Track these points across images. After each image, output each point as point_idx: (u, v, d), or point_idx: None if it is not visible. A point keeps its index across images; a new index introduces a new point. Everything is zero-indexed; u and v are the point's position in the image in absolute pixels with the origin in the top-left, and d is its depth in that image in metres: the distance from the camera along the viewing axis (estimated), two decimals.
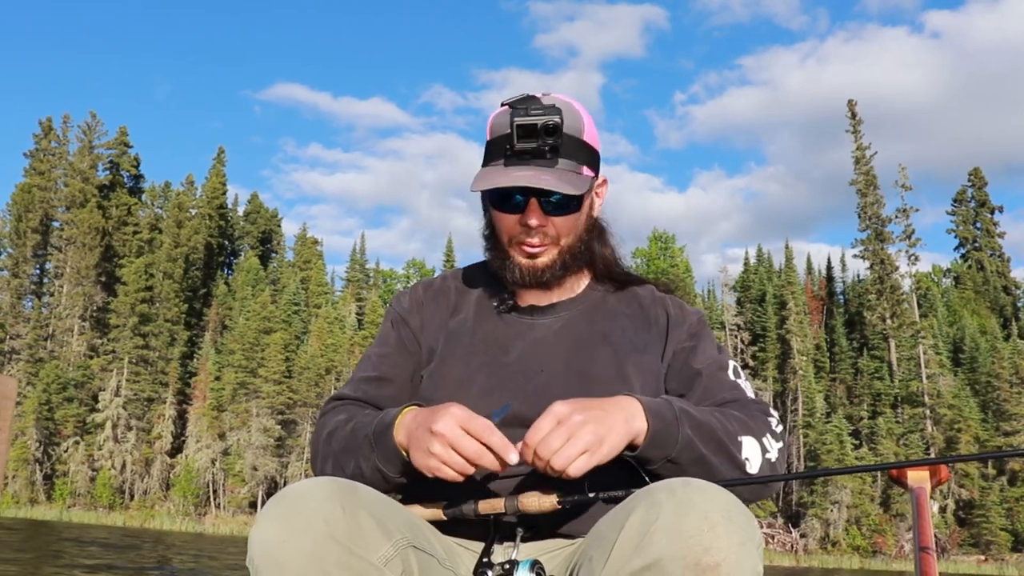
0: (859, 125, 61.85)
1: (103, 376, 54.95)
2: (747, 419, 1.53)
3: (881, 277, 58.86)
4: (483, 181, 1.55)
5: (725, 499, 1.15)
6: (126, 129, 65.17)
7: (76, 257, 58.37)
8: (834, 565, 45.72)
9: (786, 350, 58.79)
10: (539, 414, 1.41)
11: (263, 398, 51.11)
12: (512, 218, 1.59)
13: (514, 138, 1.51)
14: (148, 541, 30.36)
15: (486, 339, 1.65)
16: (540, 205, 1.56)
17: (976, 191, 76.22)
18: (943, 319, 63.17)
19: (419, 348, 1.69)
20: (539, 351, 1.62)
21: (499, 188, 1.55)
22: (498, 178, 1.53)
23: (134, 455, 52.87)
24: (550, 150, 1.53)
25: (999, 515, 48.04)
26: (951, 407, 52.48)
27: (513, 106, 1.54)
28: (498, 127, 1.56)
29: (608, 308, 1.70)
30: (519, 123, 1.50)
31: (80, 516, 48.37)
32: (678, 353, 1.66)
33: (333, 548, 1.15)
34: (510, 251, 1.62)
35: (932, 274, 77.27)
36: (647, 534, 1.12)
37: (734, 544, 1.11)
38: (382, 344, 1.72)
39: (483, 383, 1.58)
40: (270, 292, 58.98)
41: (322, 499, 1.18)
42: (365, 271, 73.75)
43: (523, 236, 1.59)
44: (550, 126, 1.50)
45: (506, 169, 1.54)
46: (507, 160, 1.55)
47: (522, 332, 1.65)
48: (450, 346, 1.66)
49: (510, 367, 1.60)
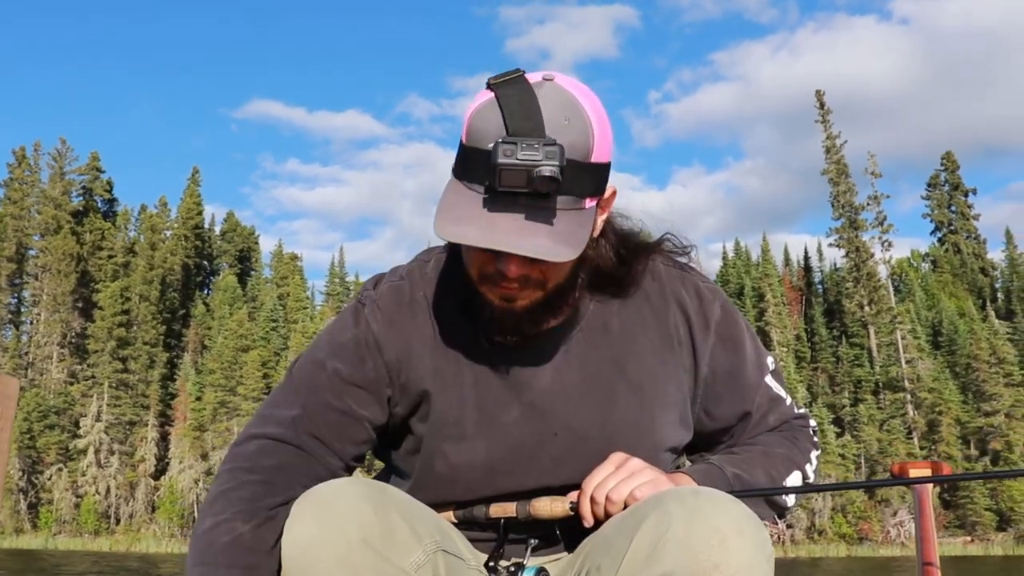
0: (828, 115, 62.18)
1: (84, 402, 54.85)
2: (793, 452, 1.45)
3: (857, 265, 59.19)
4: (453, 224, 1.18)
5: (736, 511, 1.11)
6: (98, 154, 65.23)
7: (52, 284, 58.30)
8: (821, 554, 45.89)
9: (766, 342, 58.97)
10: (562, 484, 1.36)
11: (243, 415, 51.04)
12: (485, 256, 1.24)
13: (497, 180, 1.14)
14: (133, 565, 30.31)
15: (478, 388, 1.36)
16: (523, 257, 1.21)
17: (949, 175, 76.72)
18: (921, 303, 63.52)
19: (391, 393, 1.37)
20: (546, 405, 1.36)
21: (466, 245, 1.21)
22: (472, 226, 1.16)
23: (118, 479, 52.74)
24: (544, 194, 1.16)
25: (983, 496, 48.28)
26: (931, 391, 52.77)
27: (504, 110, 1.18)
28: (478, 132, 1.20)
29: (616, 324, 1.40)
30: (503, 167, 1.13)
31: (66, 543, 48.27)
32: (718, 372, 1.43)
33: (366, 553, 1.11)
34: (481, 287, 1.29)
35: (911, 259, 77.63)
36: (657, 546, 1.10)
37: (745, 559, 1.09)
38: (350, 361, 1.36)
39: (485, 459, 1.35)
40: (248, 310, 58.93)
41: (354, 501, 1.13)
42: (345, 284, 73.69)
43: (498, 278, 1.25)
44: (546, 176, 1.13)
45: (483, 212, 1.17)
46: (488, 197, 1.17)
47: (524, 378, 1.36)
48: (437, 404, 1.36)
49: (515, 429, 1.35)
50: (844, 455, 50.44)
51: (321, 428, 1.33)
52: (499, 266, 1.23)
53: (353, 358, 1.36)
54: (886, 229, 58.66)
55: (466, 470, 1.36)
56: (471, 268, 1.28)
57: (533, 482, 1.36)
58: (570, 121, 1.18)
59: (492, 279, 1.26)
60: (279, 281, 66.80)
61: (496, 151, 1.13)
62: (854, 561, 43.62)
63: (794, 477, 1.43)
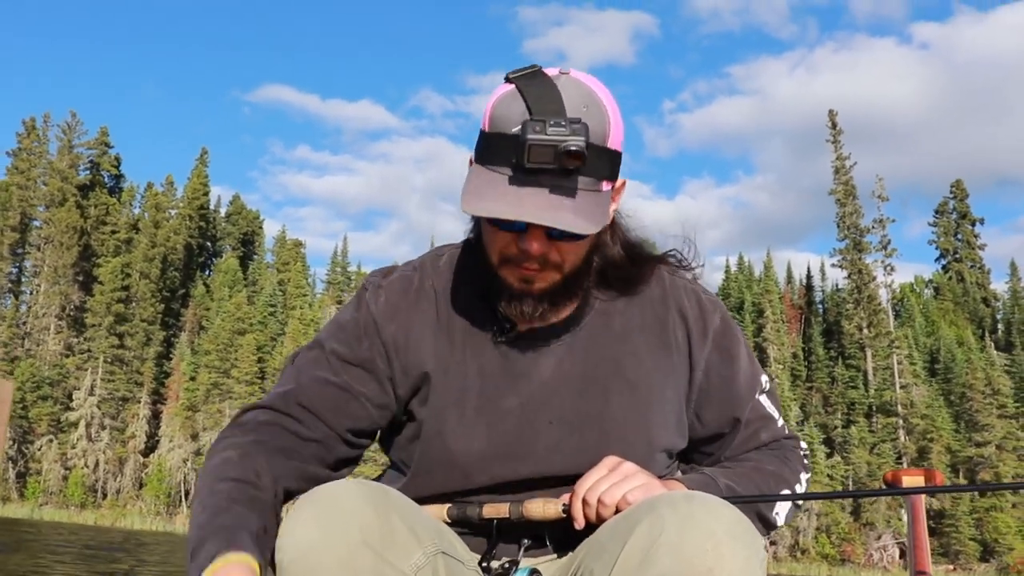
0: (839, 135, 62.15)
1: (78, 375, 54.98)
2: (784, 471, 1.48)
3: (859, 287, 59.12)
4: (480, 200, 1.25)
5: (729, 516, 1.11)
6: (107, 129, 65.31)
7: (53, 256, 58.45)
8: (802, 572, 45.87)
9: (763, 359, 58.98)
10: (555, 474, 1.39)
11: (236, 399, 51.19)
12: (508, 236, 1.31)
13: (525, 156, 1.20)
14: (116, 539, 30.37)
15: (481, 374, 1.41)
16: (545, 231, 1.28)
17: (958, 203, 76.60)
18: (920, 329, 63.44)
19: (388, 371, 1.41)
20: (545, 396, 1.40)
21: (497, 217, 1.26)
22: (500, 202, 1.23)
23: (107, 454, 52.90)
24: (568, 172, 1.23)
25: (968, 525, 48.22)
26: (924, 417, 52.71)
27: (527, 99, 1.24)
28: (502, 119, 1.26)
29: (618, 323, 1.45)
30: (533, 142, 1.20)
31: (52, 514, 48.32)
32: (712, 377, 1.47)
33: (367, 555, 1.11)
34: (501, 270, 1.35)
35: (914, 284, 77.52)
36: (650, 551, 1.10)
37: (738, 563, 1.08)
38: (347, 343, 1.42)
39: (483, 445, 1.38)
40: (247, 293, 59.05)
41: (355, 503, 1.13)
42: (347, 274, 73.80)
43: (520, 258, 1.31)
44: (572, 151, 1.19)
45: (511, 188, 1.23)
46: (513, 175, 1.24)
47: (525, 368, 1.41)
48: (437, 386, 1.41)
49: (512, 416, 1.39)
50: (832, 476, 50.37)
51: (314, 400, 1.37)
52: (522, 245, 1.28)
53: (350, 338, 1.41)
54: (889, 253, 58.61)
55: (463, 455, 1.38)
56: (492, 251, 1.34)
57: (528, 470, 1.38)
58: (588, 108, 1.25)
59: (513, 261, 1.32)
60: (280, 266, 66.92)
61: (525, 128, 1.20)
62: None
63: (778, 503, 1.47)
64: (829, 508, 49.33)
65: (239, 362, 51.94)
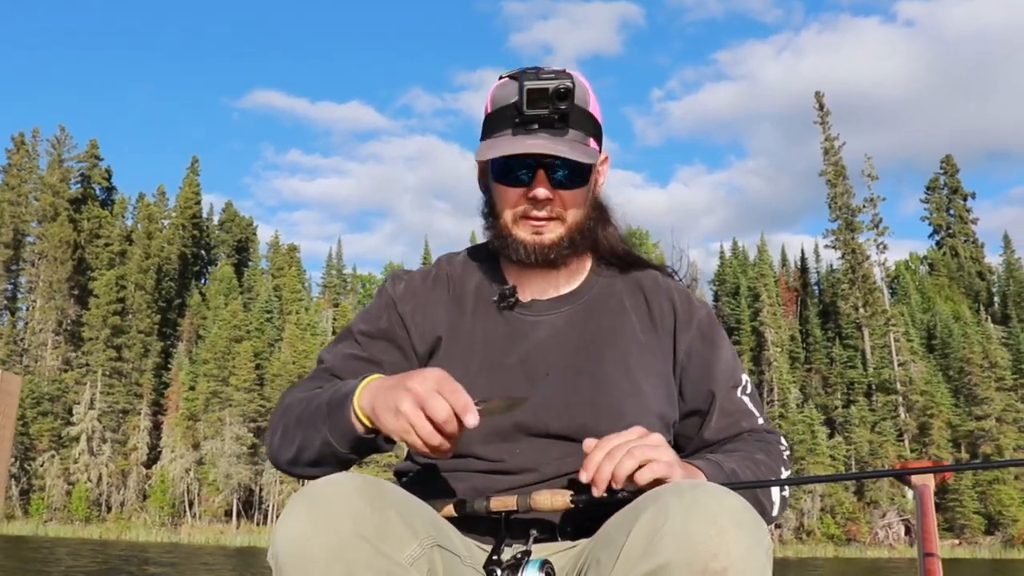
0: (827, 116, 62.21)
1: (77, 389, 54.94)
2: (771, 462, 1.53)
3: (853, 267, 59.19)
4: (490, 150, 1.48)
5: (734, 503, 1.13)
6: (96, 142, 65.23)
7: (48, 271, 58.40)
8: (808, 554, 45.94)
9: (760, 342, 59.05)
10: (546, 422, 1.45)
11: (235, 406, 51.22)
12: (517, 191, 1.50)
13: (523, 104, 1.44)
14: (119, 553, 30.41)
15: (486, 338, 1.55)
16: (547, 177, 1.48)
17: (948, 178, 76.62)
18: (917, 306, 63.52)
19: (407, 338, 1.58)
20: (543, 352, 1.53)
21: (508, 156, 1.47)
22: (506, 146, 1.45)
23: (109, 467, 52.88)
24: (560, 118, 1.46)
25: (972, 499, 48.37)
26: (923, 393, 52.81)
27: (519, 76, 1.46)
28: (501, 98, 1.49)
29: (613, 301, 1.60)
30: (529, 87, 1.43)
31: (57, 530, 48.33)
32: (693, 357, 1.59)
33: (361, 546, 1.12)
34: (513, 228, 1.52)
35: (909, 262, 77.61)
36: (655, 538, 1.10)
37: (742, 549, 1.09)
38: (370, 322, 1.60)
39: (484, 389, 1.45)
40: (243, 300, 59.03)
41: (350, 495, 1.14)
42: (342, 276, 73.80)
43: (529, 210, 1.50)
44: (562, 90, 1.43)
45: (514, 138, 1.46)
46: (515, 128, 1.47)
47: (524, 331, 1.55)
48: (448, 346, 1.56)
49: (512, 370, 1.52)
50: (835, 456, 50.50)
51: (343, 372, 1.53)
52: (530, 194, 1.48)
53: (372, 318, 1.60)
54: (881, 232, 58.74)
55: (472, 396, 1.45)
56: (504, 209, 1.53)
57: (525, 418, 1.45)
58: (572, 81, 1.45)
59: (523, 213, 1.51)
60: (275, 272, 66.88)
61: (522, 77, 1.45)
62: (842, 562, 43.69)
63: (773, 491, 1.50)
64: (833, 489, 49.42)
65: (237, 369, 51.93)
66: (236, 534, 49.43)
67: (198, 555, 32.18)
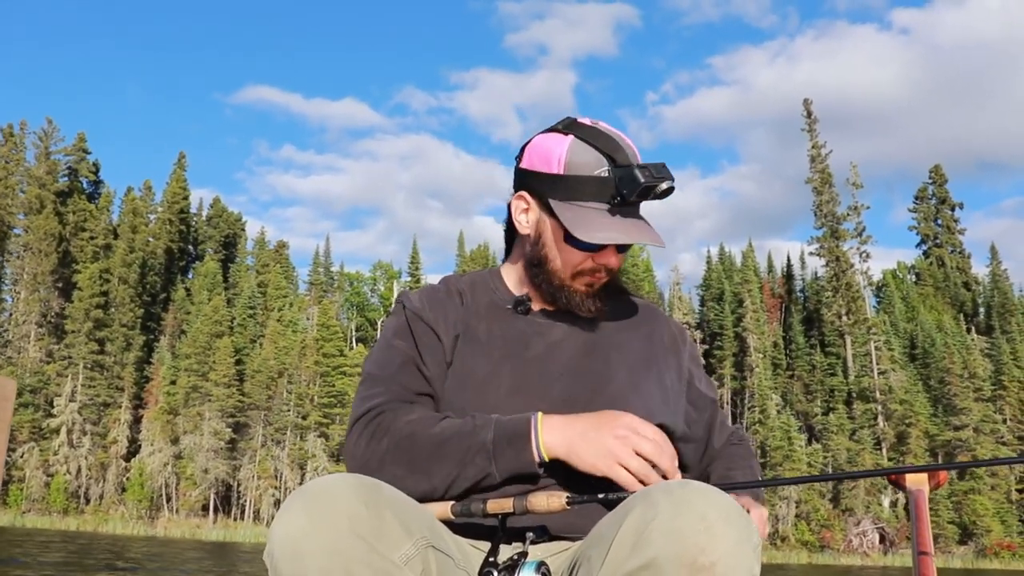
0: (814, 124, 62.34)
1: (59, 381, 55.02)
2: (754, 465, 1.74)
3: (837, 275, 59.32)
4: (591, 227, 1.54)
5: (723, 500, 1.15)
6: (84, 135, 65.31)
7: (33, 263, 58.48)
8: (782, 560, 46.08)
9: (743, 347, 59.22)
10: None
11: (214, 401, 51.35)
12: (583, 255, 1.58)
13: (632, 194, 1.51)
14: (83, 544, 30.49)
15: (504, 336, 1.63)
16: (616, 247, 1.58)
17: (937, 188, 76.81)
18: (901, 315, 63.71)
19: (439, 343, 1.62)
20: (557, 352, 1.61)
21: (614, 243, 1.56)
22: (611, 228, 1.53)
23: (89, 460, 52.97)
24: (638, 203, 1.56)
25: (947, 509, 48.52)
26: (902, 402, 52.95)
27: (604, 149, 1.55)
28: (583, 165, 1.55)
29: (611, 317, 1.70)
30: (646, 185, 1.50)
31: (34, 521, 48.44)
32: (691, 376, 1.74)
33: (356, 544, 1.14)
34: (572, 281, 1.60)
35: (897, 270, 77.78)
36: (644, 534, 1.12)
37: (730, 544, 1.11)
38: (403, 335, 1.64)
39: (509, 382, 1.57)
40: (227, 296, 59.15)
41: (346, 495, 1.16)
42: (330, 274, 73.90)
43: (595, 271, 1.59)
44: (668, 191, 1.53)
45: (615, 219, 1.54)
46: (612, 208, 1.54)
47: (540, 330, 1.64)
48: (468, 341, 1.63)
49: (531, 365, 1.59)
50: (812, 463, 50.64)
51: (412, 385, 1.58)
52: (600, 261, 1.58)
53: (406, 332, 1.63)
54: (864, 240, 58.89)
55: (493, 387, 1.56)
56: (566, 266, 1.60)
57: (545, 407, 1.51)
58: (666, 169, 1.55)
59: (585, 273, 1.60)
60: (260, 268, 66.98)
61: (628, 170, 1.52)
62: (815, 569, 43.83)
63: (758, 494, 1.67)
64: (808, 496, 49.57)
65: (217, 365, 52.06)
66: (212, 528, 49.57)
67: (174, 549, 32.25)
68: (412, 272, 70.55)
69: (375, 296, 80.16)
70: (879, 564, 46.11)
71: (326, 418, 53.01)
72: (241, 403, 52.41)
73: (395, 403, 1.54)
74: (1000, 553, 47.19)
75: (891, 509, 49.71)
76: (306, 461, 51.85)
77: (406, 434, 1.47)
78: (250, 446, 52.18)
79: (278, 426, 52.74)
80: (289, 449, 52.34)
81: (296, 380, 53.67)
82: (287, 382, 53.25)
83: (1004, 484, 50.10)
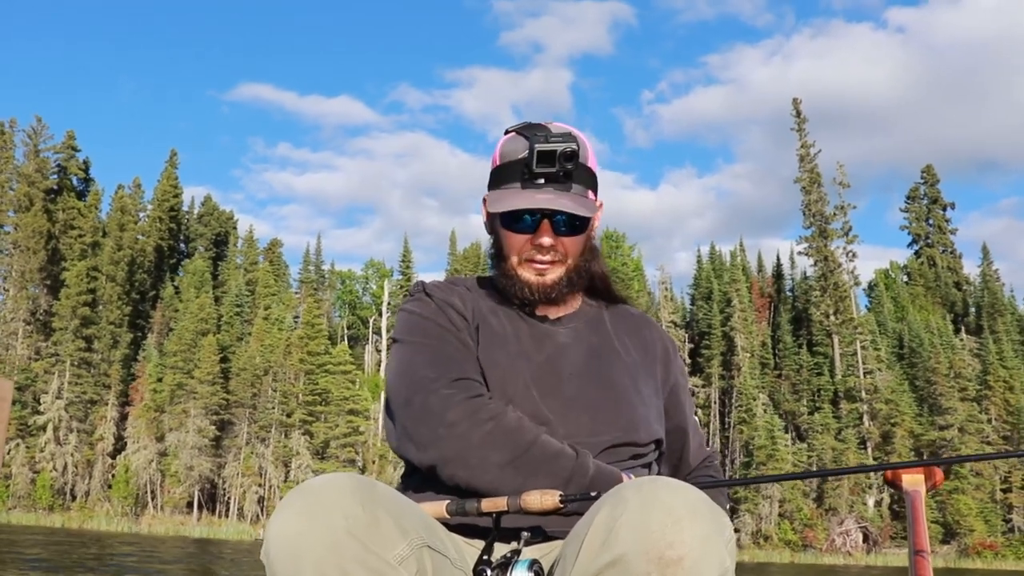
0: (804, 123, 62.34)
1: (46, 378, 55.15)
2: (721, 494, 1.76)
3: (825, 274, 59.33)
4: (502, 203, 1.62)
5: (692, 495, 1.15)
6: (73, 133, 65.47)
7: (21, 261, 58.62)
8: (765, 559, 46.12)
9: (731, 347, 59.24)
10: (575, 418, 1.59)
11: (199, 399, 51.46)
12: (523, 237, 1.65)
13: (533, 162, 1.59)
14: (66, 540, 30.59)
15: (517, 334, 1.69)
16: (551, 226, 1.63)
17: (928, 188, 76.81)
18: (890, 315, 63.70)
19: (468, 324, 1.69)
20: (565, 355, 1.68)
21: (518, 209, 1.62)
22: (517, 199, 1.60)
23: (75, 457, 53.10)
24: (565, 175, 1.60)
25: (931, 508, 48.46)
26: (888, 402, 52.94)
27: (527, 134, 1.62)
28: (509, 152, 1.64)
29: (607, 325, 1.78)
30: (540, 149, 1.58)
31: (19, 518, 48.59)
32: (673, 389, 1.80)
33: (351, 543, 1.14)
34: (519, 269, 1.67)
35: (889, 270, 77.76)
36: (612, 530, 1.13)
37: (698, 538, 1.10)
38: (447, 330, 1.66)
39: (525, 377, 1.63)
40: (215, 294, 59.24)
41: (342, 495, 1.17)
42: (320, 272, 74.03)
43: (534, 254, 1.65)
44: (568, 153, 1.59)
45: (523, 191, 1.61)
46: (523, 183, 1.61)
47: (548, 333, 1.70)
48: (486, 335, 1.68)
49: (544, 364, 1.65)
50: (796, 462, 50.68)
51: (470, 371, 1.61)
52: (535, 240, 1.64)
53: (432, 321, 1.66)
54: (851, 240, 58.90)
55: (512, 380, 1.61)
56: (511, 255, 1.67)
57: (558, 405, 1.60)
58: (576, 143, 1.62)
59: (528, 257, 1.66)
60: (248, 266, 67.07)
61: (533, 140, 1.60)
62: (797, 568, 43.87)
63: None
64: (791, 495, 49.59)
65: (201, 362, 52.17)
66: (196, 525, 49.72)
67: (158, 546, 32.35)
68: (404, 271, 70.62)
69: (367, 294, 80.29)
70: (862, 563, 46.14)
71: (311, 416, 53.10)
72: (226, 401, 52.54)
73: (484, 391, 1.58)
74: (982, 553, 47.20)
75: (875, 508, 49.76)
76: (290, 459, 51.96)
77: (514, 427, 1.51)
78: (235, 443, 52.31)
79: (263, 424, 52.86)
80: (273, 447, 52.45)
81: (281, 378, 53.79)
82: (272, 380, 53.35)
83: (988, 484, 50.11)
